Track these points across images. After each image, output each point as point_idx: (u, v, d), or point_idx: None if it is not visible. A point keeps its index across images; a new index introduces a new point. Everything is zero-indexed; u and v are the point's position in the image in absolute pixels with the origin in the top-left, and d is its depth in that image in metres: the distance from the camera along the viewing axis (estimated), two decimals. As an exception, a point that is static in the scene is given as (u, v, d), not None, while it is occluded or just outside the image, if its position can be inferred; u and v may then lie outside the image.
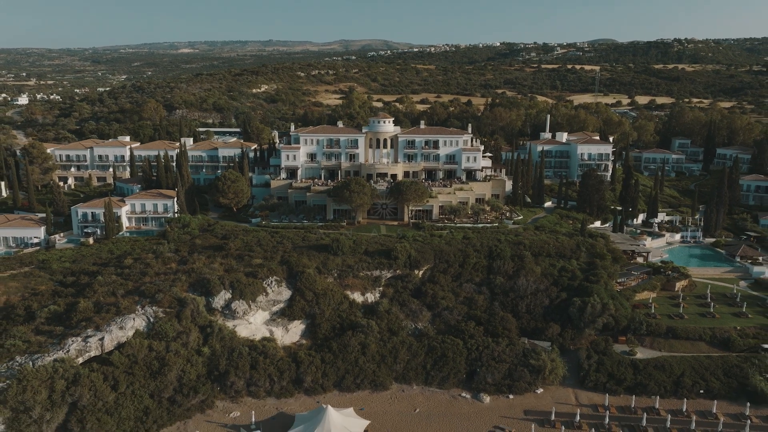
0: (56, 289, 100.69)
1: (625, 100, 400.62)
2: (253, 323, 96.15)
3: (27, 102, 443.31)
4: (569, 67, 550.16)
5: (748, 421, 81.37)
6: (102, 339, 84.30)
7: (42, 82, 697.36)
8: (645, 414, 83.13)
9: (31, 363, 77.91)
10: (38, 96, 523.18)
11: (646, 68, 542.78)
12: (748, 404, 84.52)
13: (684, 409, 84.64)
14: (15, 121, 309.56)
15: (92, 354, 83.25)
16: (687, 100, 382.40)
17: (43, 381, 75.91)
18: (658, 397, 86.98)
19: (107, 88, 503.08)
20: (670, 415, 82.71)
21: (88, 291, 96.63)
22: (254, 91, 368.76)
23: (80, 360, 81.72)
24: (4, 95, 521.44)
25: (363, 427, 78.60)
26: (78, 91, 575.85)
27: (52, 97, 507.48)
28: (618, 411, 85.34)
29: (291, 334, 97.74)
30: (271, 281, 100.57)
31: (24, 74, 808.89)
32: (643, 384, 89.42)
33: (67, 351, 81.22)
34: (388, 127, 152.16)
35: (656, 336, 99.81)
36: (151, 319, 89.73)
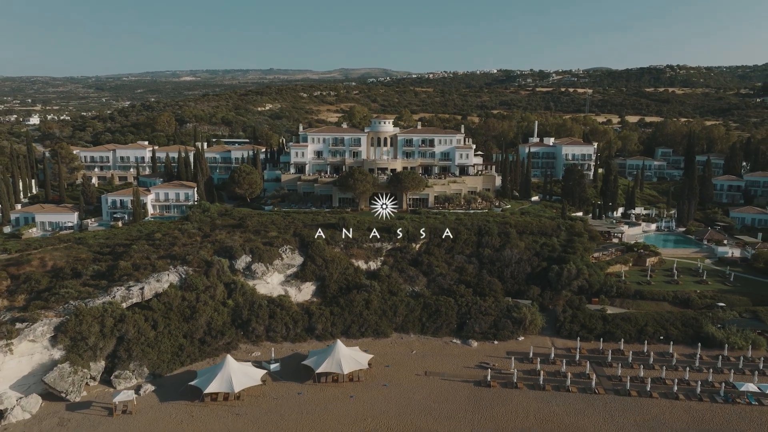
0: (96, 256, 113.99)
1: (616, 119, 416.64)
2: (270, 283, 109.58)
3: (38, 122, 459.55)
4: (563, 90, 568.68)
5: (698, 357, 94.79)
6: (142, 289, 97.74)
7: (48, 107, 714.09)
8: (610, 352, 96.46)
9: (84, 305, 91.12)
10: (48, 117, 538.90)
11: (637, 91, 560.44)
12: (700, 345, 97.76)
13: (645, 350, 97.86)
14: (32, 135, 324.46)
15: (134, 301, 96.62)
16: (675, 119, 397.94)
17: (95, 317, 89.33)
18: (623, 341, 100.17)
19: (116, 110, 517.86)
20: (632, 353, 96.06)
21: (125, 256, 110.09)
22: (259, 109, 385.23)
23: (124, 305, 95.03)
24: (15, 116, 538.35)
25: (367, 359, 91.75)
26: (85, 114, 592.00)
27: (62, 118, 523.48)
28: (588, 352, 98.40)
29: (303, 293, 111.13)
30: (286, 249, 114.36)
31: (29, 101, 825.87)
32: (611, 332, 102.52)
33: (113, 297, 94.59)
34: (388, 127, 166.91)
35: (625, 297, 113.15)
36: (183, 275, 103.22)
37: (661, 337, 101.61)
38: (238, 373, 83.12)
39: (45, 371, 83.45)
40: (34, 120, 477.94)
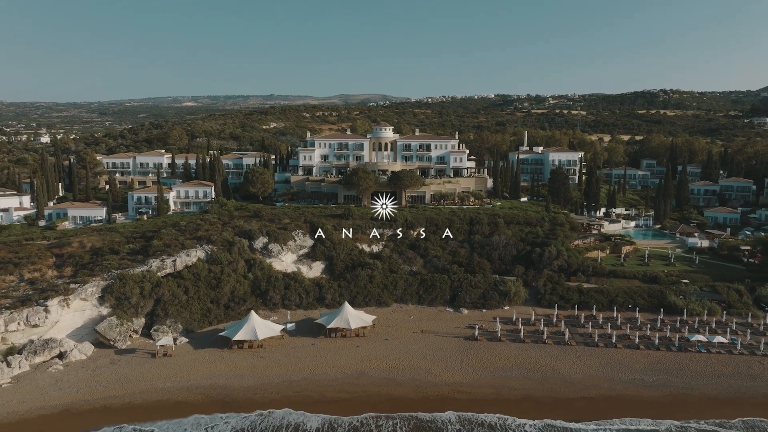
0: (129, 239, 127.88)
1: (607, 138, 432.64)
2: (284, 261, 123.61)
3: (49, 140, 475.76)
4: (557, 111, 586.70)
5: (660, 320, 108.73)
6: (174, 261, 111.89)
7: (53, 131, 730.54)
8: (583, 316, 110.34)
9: (126, 272, 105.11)
10: (58, 137, 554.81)
11: (630, 113, 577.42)
12: (662, 310, 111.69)
13: (615, 316, 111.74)
14: (49, 150, 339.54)
15: (167, 271, 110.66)
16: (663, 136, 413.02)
17: (136, 282, 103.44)
18: (595, 307, 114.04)
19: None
20: (602, 317, 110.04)
21: (156, 238, 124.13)
22: (264, 127, 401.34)
23: (159, 274, 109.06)
24: (25, 137, 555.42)
25: (371, 319, 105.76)
26: (94, 135, 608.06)
27: (71, 137, 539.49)
28: (565, 317, 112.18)
29: (314, 270, 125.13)
30: (298, 232, 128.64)
31: (34, 124, 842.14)
32: (586, 302, 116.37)
33: (150, 267, 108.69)
34: (388, 133, 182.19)
35: (600, 276, 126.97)
36: (209, 252, 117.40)
37: (630, 306, 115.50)
38: (261, 326, 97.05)
39: (95, 324, 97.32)
40: (45, 139, 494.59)
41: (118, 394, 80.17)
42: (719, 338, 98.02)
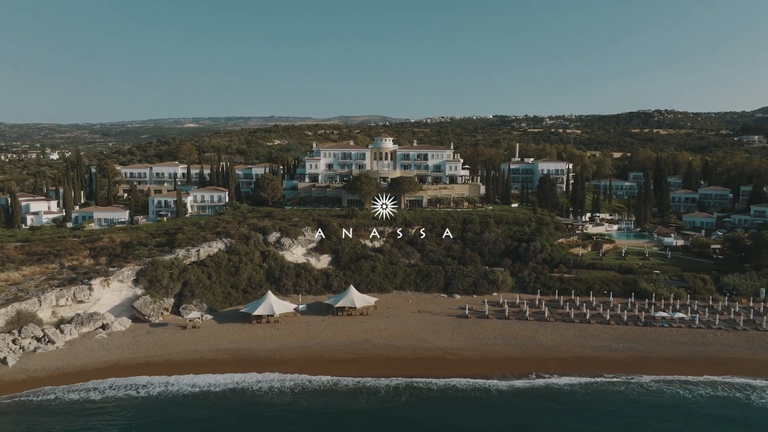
0: (154, 235, 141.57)
1: (599, 154, 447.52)
2: (295, 253, 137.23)
3: (57, 157, 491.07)
4: (552, 130, 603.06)
5: (630, 302, 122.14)
6: (198, 251, 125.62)
7: (58, 151, 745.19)
8: (561, 299, 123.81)
9: (156, 259, 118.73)
10: (66, 154, 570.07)
11: (624, 132, 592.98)
12: (633, 294, 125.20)
13: (591, 300, 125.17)
14: (62, 165, 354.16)
15: (192, 260, 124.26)
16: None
17: (166, 267, 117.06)
18: (573, 292, 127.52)
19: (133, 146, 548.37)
20: (579, 299, 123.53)
21: (179, 233, 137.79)
22: (268, 144, 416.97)
23: (185, 262, 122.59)
24: (35, 155, 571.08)
25: (374, 301, 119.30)
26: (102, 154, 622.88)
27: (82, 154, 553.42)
28: (546, 301, 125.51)
29: (321, 262, 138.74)
30: (307, 228, 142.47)
31: (38, 145, 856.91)
32: (566, 289, 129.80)
33: (177, 255, 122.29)
34: (388, 144, 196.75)
35: (580, 267, 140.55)
36: (228, 244, 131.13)
37: (605, 292, 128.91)
38: (277, 304, 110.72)
39: (131, 302, 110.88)
40: (54, 156, 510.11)
41: (158, 354, 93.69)
42: (680, 314, 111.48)
